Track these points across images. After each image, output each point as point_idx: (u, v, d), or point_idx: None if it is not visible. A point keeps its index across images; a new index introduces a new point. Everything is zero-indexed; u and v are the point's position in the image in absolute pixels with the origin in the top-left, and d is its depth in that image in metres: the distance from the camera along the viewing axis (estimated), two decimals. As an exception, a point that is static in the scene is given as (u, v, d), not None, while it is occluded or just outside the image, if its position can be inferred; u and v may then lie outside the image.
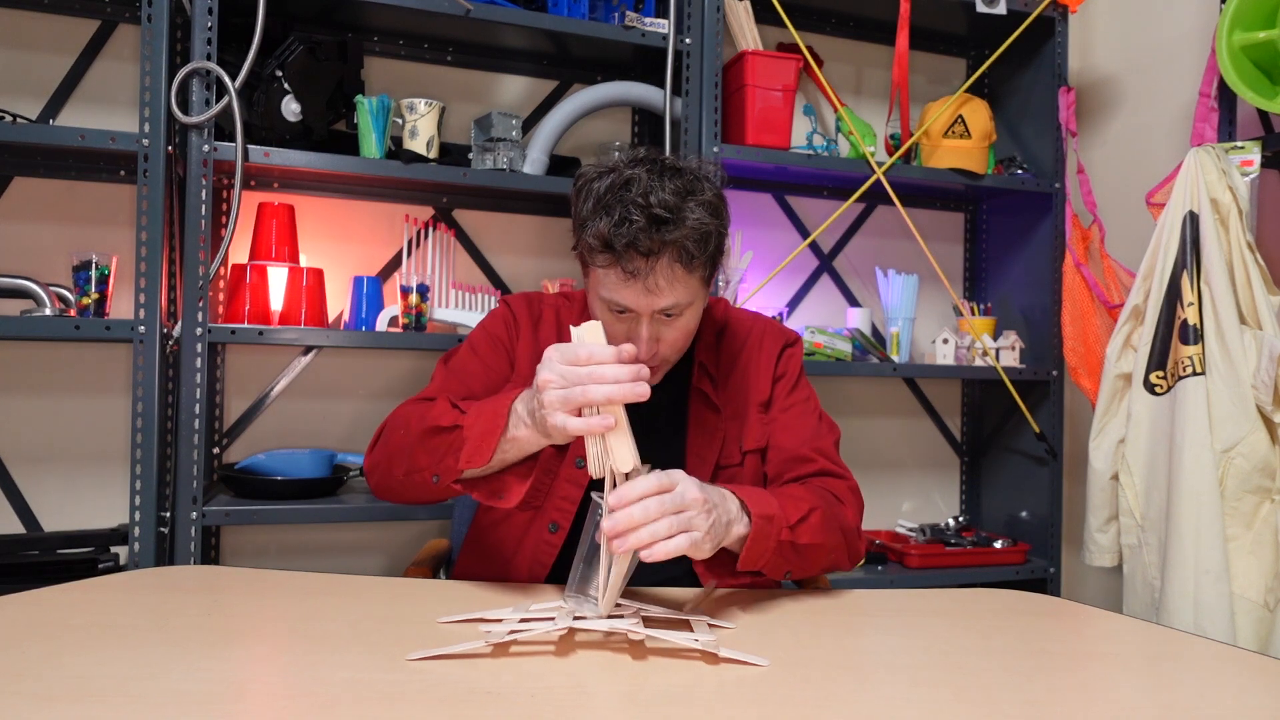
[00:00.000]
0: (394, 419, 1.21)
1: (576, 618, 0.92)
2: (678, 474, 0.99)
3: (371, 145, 1.84)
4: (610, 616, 0.93)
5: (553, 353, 0.97)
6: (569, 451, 1.25)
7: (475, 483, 1.07)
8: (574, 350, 0.96)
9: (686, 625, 0.94)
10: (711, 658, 0.85)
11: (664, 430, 1.32)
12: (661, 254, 1.13)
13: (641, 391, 0.94)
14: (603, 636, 0.91)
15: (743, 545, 1.05)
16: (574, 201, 1.20)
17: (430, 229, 2.04)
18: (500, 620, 0.93)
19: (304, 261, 1.96)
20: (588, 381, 0.93)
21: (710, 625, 0.96)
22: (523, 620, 0.92)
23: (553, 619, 0.91)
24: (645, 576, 1.24)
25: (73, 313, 1.72)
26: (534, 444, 1.02)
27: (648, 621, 0.93)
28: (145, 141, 1.66)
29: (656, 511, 0.93)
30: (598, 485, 0.98)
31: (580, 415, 0.94)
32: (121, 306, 1.86)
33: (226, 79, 1.68)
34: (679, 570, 1.28)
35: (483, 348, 1.32)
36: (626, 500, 0.93)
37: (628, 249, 1.12)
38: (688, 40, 2.00)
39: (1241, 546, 1.73)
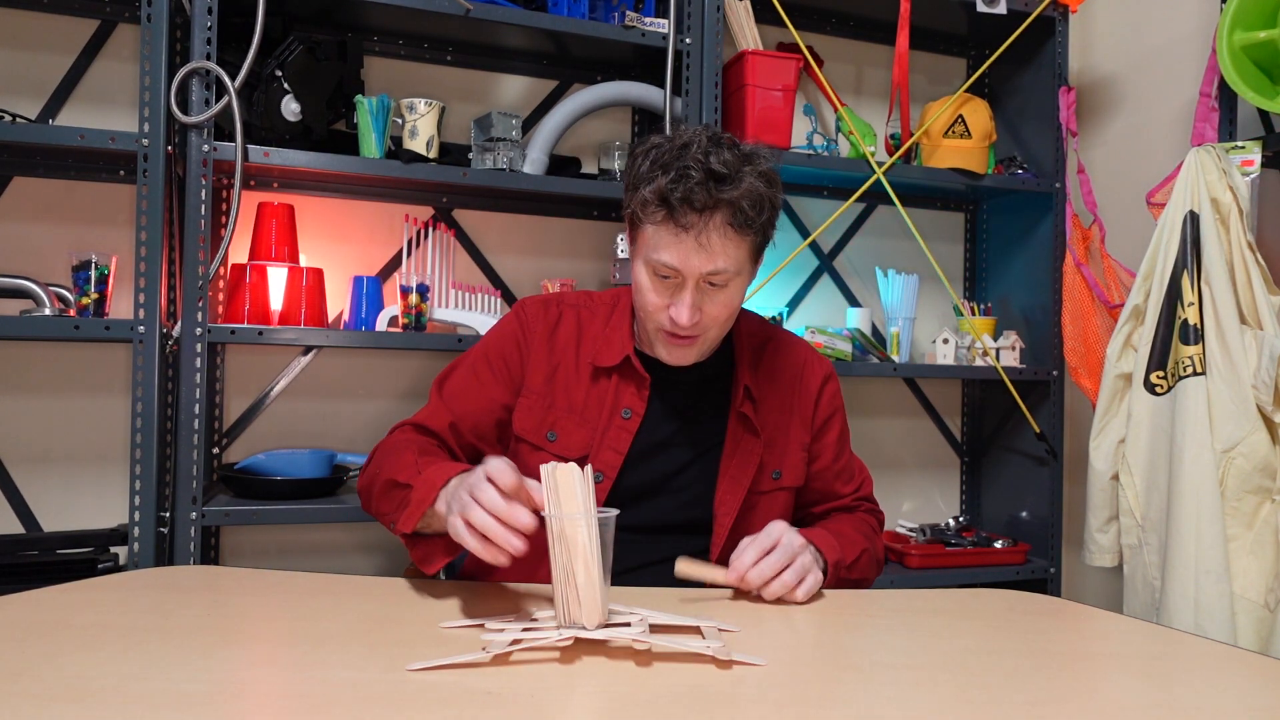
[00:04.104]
0: (383, 446, 1.24)
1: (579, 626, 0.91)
2: (776, 527, 1.12)
3: (371, 145, 1.84)
4: (616, 625, 0.91)
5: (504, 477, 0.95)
6: None
7: (415, 541, 1.09)
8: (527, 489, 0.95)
9: (691, 629, 0.94)
10: (718, 660, 0.85)
11: (697, 446, 1.30)
12: (716, 211, 1.14)
13: (495, 557, 0.93)
14: (606, 644, 0.90)
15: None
16: (629, 166, 1.22)
17: (430, 229, 2.04)
18: (503, 630, 0.92)
19: (304, 261, 1.96)
20: (487, 513, 0.92)
21: (720, 630, 0.95)
22: (525, 630, 0.91)
23: (555, 628, 0.90)
24: (645, 580, 1.24)
25: (72, 313, 1.72)
26: (439, 526, 1.03)
27: (654, 629, 0.92)
28: (145, 141, 1.66)
29: (780, 563, 1.08)
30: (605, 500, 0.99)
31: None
32: (121, 306, 1.86)
33: (226, 79, 1.68)
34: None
35: (483, 371, 1.31)
36: (749, 563, 1.08)
37: (683, 204, 1.13)
38: (688, 40, 1.99)
39: (1242, 546, 1.72)
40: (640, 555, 1.23)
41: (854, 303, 2.45)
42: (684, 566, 1.09)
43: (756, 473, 1.29)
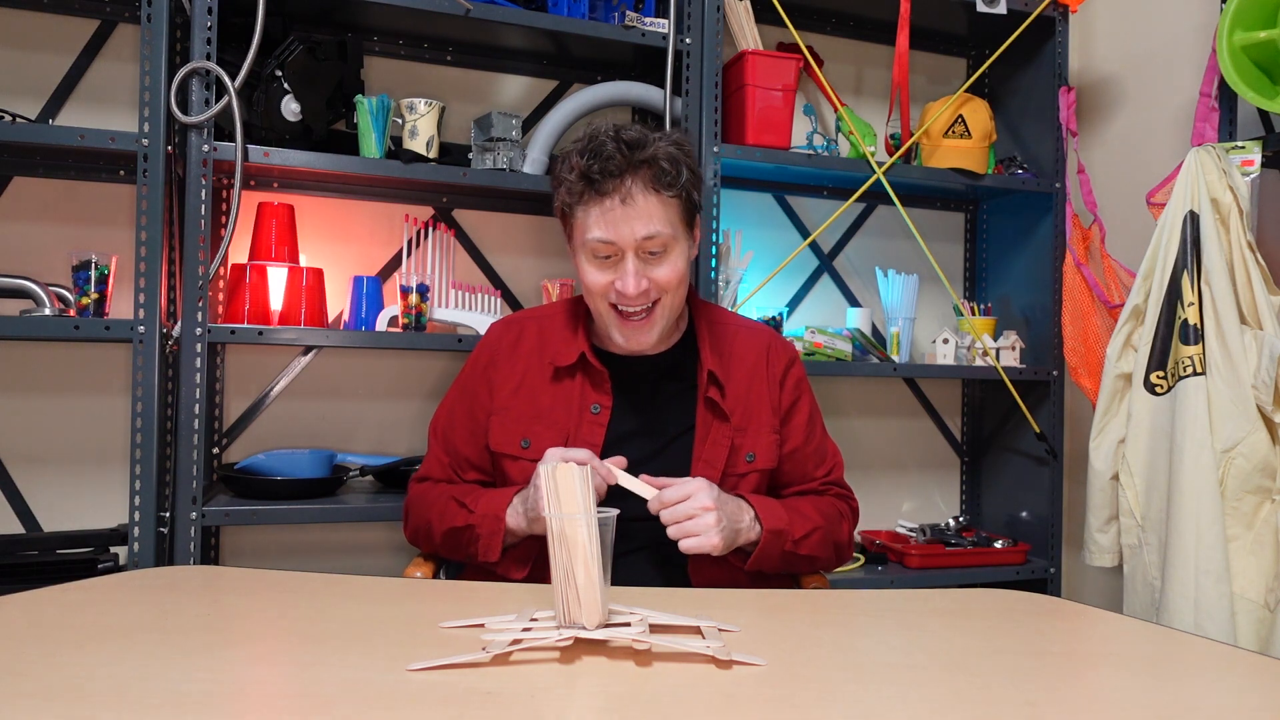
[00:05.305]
0: (414, 502, 1.40)
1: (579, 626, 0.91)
2: (696, 483, 1.18)
3: (371, 145, 1.84)
4: (616, 625, 0.91)
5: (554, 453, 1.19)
6: None
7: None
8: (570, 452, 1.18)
9: (691, 629, 0.94)
10: (718, 660, 0.85)
11: (669, 433, 1.32)
12: (636, 173, 1.20)
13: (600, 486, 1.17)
14: (606, 644, 0.90)
15: (753, 547, 1.24)
16: (554, 172, 1.28)
17: (430, 229, 2.04)
18: (503, 630, 0.92)
19: (304, 261, 1.96)
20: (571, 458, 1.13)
21: (720, 630, 0.95)
22: (525, 630, 0.91)
23: (555, 628, 0.90)
24: (646, 579, 1.24)
25: (72, 313, 1.72)
26: (526, 533, 1.24)
27: (654, 629, 0.92)
28: (145, 141, 1.66)
29: (671, 517, 1.17)
30: (603, 503, 1.01)
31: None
32: (121, 306, 1.86)
33: (226, 79, 1.68)
34: (675, 570, 1.29)
35: (460, 408, 1.40)
36: (664, 504, 1.18)
37: (602, 174, 1.19)
38: (688, 40, 1.99)
39: (1242, 547, 1.72)
40: (619, 545, 1.24)
41: (854, 303, 2.45)
42: (624, 479, 1.20)
43: (730, 456, 1.31)
